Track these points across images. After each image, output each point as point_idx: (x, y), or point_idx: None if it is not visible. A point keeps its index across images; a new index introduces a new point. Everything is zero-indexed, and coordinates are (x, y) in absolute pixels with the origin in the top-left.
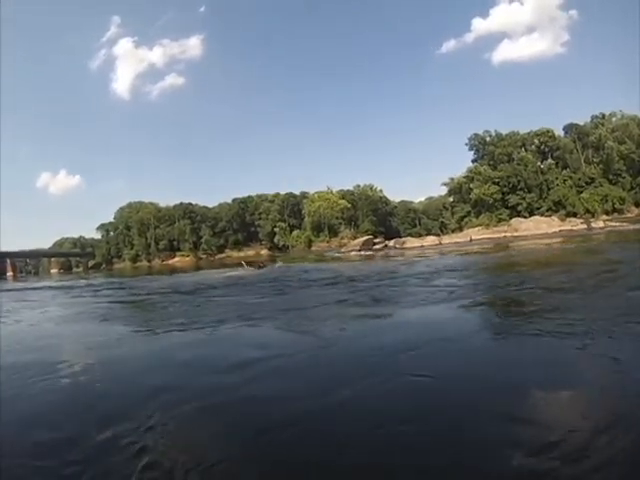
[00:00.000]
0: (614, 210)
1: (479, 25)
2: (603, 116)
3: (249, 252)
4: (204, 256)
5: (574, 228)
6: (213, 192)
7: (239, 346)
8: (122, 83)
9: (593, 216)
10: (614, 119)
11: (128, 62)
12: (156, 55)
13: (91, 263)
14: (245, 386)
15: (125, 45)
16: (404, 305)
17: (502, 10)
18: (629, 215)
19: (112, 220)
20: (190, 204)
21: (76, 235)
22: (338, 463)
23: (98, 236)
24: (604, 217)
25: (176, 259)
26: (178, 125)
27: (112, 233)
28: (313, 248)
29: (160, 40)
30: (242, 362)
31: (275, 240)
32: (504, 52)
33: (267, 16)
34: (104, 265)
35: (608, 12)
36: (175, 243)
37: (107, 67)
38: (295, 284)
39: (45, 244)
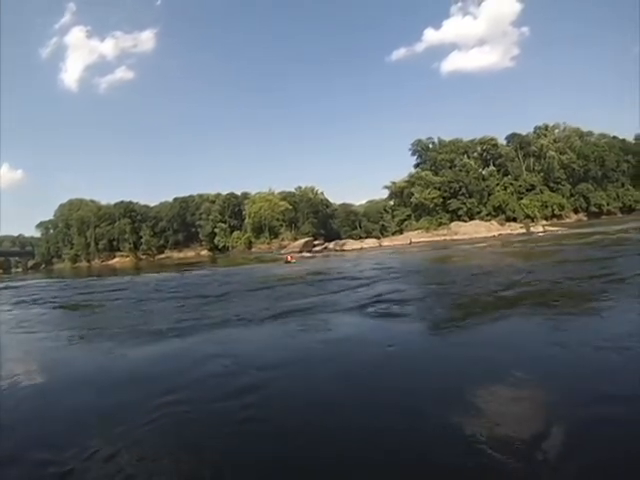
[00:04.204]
0: (553, 216)
1: (431, 36)
2: (546, 127)
3: (189, 253)
4: (144, 257)
5: (513, 232)
6: (157, 191)
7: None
8: (71, 74)
9: (533, 221)
10: (557, 131)
11: (79, 52)
12: (108, 47)
13: (30, 263)
14: None
15: (77, 34)
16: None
17: (455, 22)
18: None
19: (52, 218)
20: (131, 202)
21: (16, 233)
22: None
23: (38, 234)
24: (543, 222)
25: (116, 260)
26: (124, 121)
27: (52, 231)
28: (253, 249)
29: (113, 32)
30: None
31: (215, 241)
32: (453, 62)
33: (221, 15)
34: (44, 265)
35: (558, 30)
36: (115, 243)
37: (57, 56)
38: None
39: None
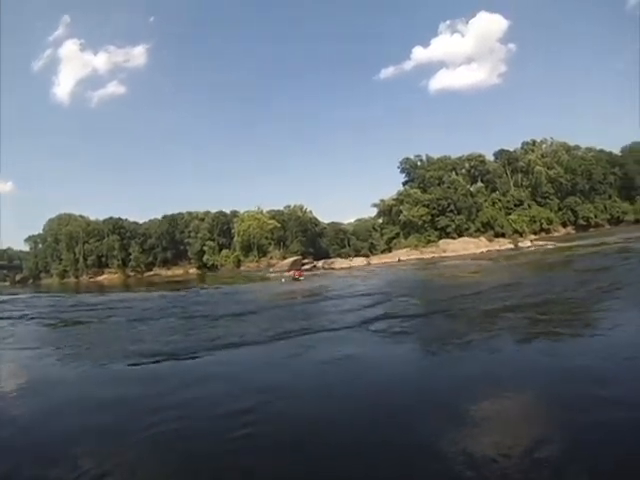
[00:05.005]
0: (542, 230)
1: (419, 54)
2: (534, 142)
3: (177, 271)
4: (132, 274)
5: (502, 248)
6: (146, 207)
7: None
8: (63, 87)
9: (521, 236)
10: (544, 146)
11: (72, 66)
12: (100, 61)
13: (18, 277)
14: None
15: (71, 47)
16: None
17: (443, 40)
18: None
19: (41, 232)
20: (120, 219)
21: (4, 246)
22: None
23: (27, 248)
24: (532, 237)
25: (104, 276)
26: (114, 136)
27: (41, 245)
28: (242, 268)
29: (106, 46)
30: None
31: (204, 259)
32: (442, 80)
33: (213, 33)
34: (32, 280)
35: (544, 46)
36: (104, 259)
37: (50, 69)
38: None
39: None
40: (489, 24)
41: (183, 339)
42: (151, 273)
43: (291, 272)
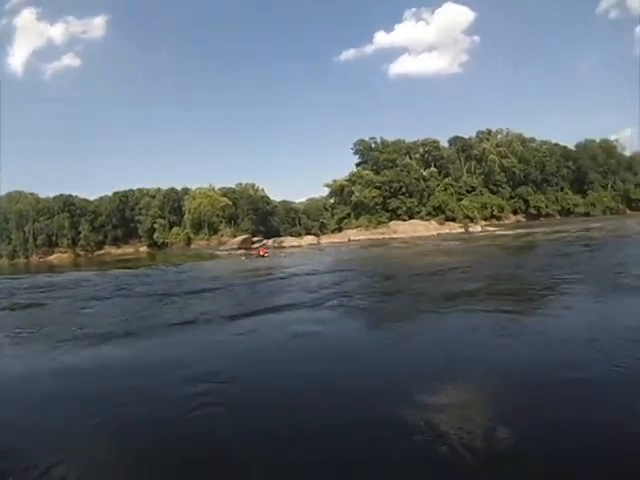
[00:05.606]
0: (492, 216)
1: (382, 38)
2: (489, 132)
3: (128, 249)
4: (83, 253)
5: (452, 232)
6: (97, 184)
7: None
8: (17, 58)
9: (472, 221)
10: (499, 136)
11: (27, 35)
12: (57, 31)
13: None
14: None
15: (27, 16)
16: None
17: (407, 27)
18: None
19: None
20: (70, 196)
21: None
22: None
23: None
24: (482, 222)
25: (54, 256)
26: (67, 111)
27: None
28: (192, 246)
29: (65, 16)
30: None
31: (154, 237)
32: (402, 65)
33: (176, 10)
34: None
35: (510, 41)
36: (54, 238)
37: (5, 39)
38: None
39: None
40: (455, 15)
41: (140, 320)
42: (101, 252)
43: (241, 251)
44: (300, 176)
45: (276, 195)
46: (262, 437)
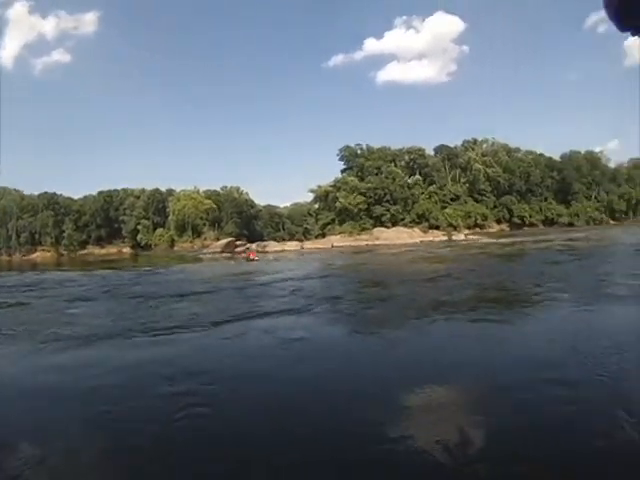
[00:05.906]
0: (476, 225)
1: (371, 45)
2: (475, 141)
3: (111, 249)
4: (66, 252)
5: (435, 239)
6: (82, 183)
7: None
8: (8, 51)
9: (455, 229)
10: (485, 145)
11: (19, 28)
12: (49, 26)
13: None
14: None
15: (19, 9)
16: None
17: (397, 34)
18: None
19: None
20: (55, 194)
21: None
22: None
23: None
24: (466, 231)
25: (37, 254)
26: (54, 106)
27: None
28: (176, 248)
29: (57, 10)
30: None
31: (138, 238)
32: (390, 73)
33: (167, 10)
34: None
35: (499, 52)
36: (37, 237)
37: None
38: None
39: None
40: (446, 24)
41: (125, 322)
42: (85, 252)
43: (225, 254)
44: (285, 181)
45: (261, 199)
46: (252, 439)
